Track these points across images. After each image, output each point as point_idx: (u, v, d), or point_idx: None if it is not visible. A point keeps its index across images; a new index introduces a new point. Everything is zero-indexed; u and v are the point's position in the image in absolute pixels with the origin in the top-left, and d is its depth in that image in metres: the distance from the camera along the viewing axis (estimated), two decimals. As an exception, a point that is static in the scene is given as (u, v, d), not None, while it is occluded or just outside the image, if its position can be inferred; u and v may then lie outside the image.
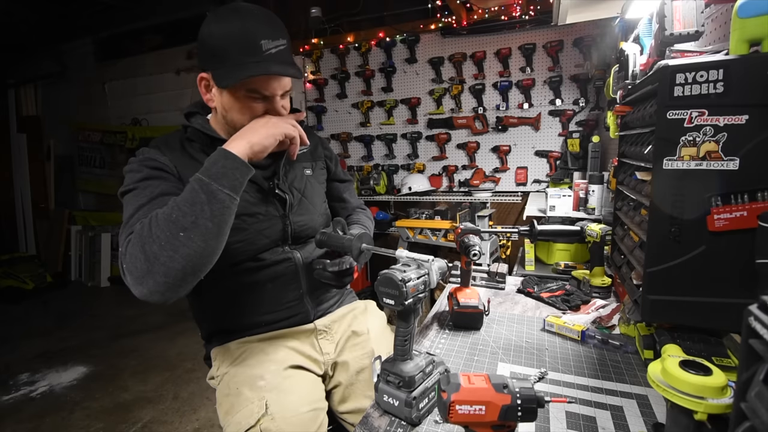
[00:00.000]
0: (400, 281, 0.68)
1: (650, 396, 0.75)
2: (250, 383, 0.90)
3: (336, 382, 1.02)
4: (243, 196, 0.87)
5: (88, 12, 3.98)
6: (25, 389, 2.49)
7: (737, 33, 0.63)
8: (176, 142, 0.94)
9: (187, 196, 0.73)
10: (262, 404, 0.86)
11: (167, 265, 0.69)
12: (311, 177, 1.07)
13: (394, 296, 0.69)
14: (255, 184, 0.94)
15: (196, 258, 0.71)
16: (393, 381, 0.72)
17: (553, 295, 1.21)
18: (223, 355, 0.99)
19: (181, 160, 0.90)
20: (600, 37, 2.51)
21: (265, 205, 0.95)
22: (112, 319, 3.55)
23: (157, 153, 0.89)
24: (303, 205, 1.02)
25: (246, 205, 0.92)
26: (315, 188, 1.07)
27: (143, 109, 4.53)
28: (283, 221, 0.97)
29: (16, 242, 5.04)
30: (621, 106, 1.04)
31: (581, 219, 1.66)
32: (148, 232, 0.71)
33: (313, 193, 1.06)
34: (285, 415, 0.85)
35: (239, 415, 0.86)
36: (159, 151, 0.90)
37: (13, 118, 4.96)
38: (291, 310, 1.00)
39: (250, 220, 0.93)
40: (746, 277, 0.64)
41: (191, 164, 0.88)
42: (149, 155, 0.88)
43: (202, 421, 2.13)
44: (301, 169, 1.05)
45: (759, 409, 0.36)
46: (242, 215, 0.91)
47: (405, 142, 3.37)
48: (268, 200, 0.96)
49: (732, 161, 0.64)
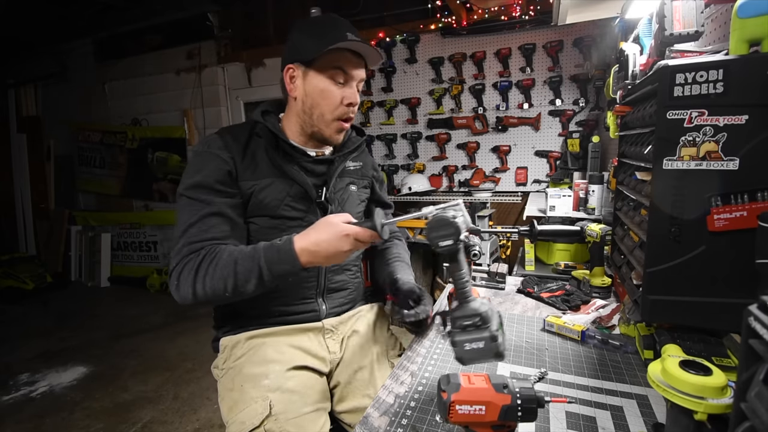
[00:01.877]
0: (452, 218, 0.68)
1: (650, 396, 0.75)
2: (255, 381, 0.91)
3: (336, 382, 1.03)
4: (290, 200, 0.97)
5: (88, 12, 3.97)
6: (25, 389, 2.49)
7: (737, 33, 0.63)
8: (244, 136, 0.98)
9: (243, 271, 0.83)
10: (266, 404, 0.86)
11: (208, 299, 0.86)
12: (354, 193, 1.10)
13: (449, 235, 0.68)
14: (305, 192, 0.98)
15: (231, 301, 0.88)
16: (470, 324, 0.68)
17: (553, 295, 1.21)
18: (231, 348, 1.00)
19: (242, 157, 0.95)
20: (600, 37, 2.51)
21: (307, 212, 0.99)
22: (112, 319, 3.55)
23: (221, 147, 0.94)
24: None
25: (290, 210, 0.97)
26: (354, 205, 1.10)
27: (143, 109, 4.52)
28: None
29: (16, 242, 5.03)
30: (621, 106, 1.04)
31: (581, 219, 1.66)
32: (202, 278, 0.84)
33: (351, 209, 1.08)
34: (288, 416, 0.86)
35: (243, 414, 0.86)
36: (224, 143, 0.94)
37: (13, 118, 4.95)
38: (304, 306, 1.02)
39: (290, 224, 0.97)
40: (746, 277, 0.64)
41: (251, 164, 0.95)
42: (214, 151, 0.93)
43: (202, 422, 2.13)
44: (347, 183, 1.08)
45: (759, 409, 0.36)
46: (284, 217, 0.97)
47: (405, 142, 3.37)
48: (311, 208, 0.99)
49: (732, 161, 0.64)
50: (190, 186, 0.91)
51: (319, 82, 0.93)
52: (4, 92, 4.90)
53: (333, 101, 0.94)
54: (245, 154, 0.95)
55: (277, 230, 0.96)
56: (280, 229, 0.96)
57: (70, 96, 4.86)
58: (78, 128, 4.89)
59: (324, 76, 0.93)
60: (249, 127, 1.00)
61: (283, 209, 0.96)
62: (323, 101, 0.94)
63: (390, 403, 0.77)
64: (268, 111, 1.02)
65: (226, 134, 0.97)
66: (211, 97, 4.11)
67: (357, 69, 0.95)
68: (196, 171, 0.91)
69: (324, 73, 0.93)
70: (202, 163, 0.92)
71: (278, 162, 0.96)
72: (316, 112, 0.95)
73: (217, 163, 0.92)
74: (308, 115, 0.97)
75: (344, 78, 0.94)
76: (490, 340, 0.66)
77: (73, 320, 3.55)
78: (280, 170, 0.96)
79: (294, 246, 0.81)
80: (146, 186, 4.57)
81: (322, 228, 0.81)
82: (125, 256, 4.62)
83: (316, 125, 0.97)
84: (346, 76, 0.94)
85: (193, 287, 0.84)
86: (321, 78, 0.93)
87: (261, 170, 0.95)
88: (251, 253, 0.84)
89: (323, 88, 0.94)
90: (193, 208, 0.89)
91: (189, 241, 0.87)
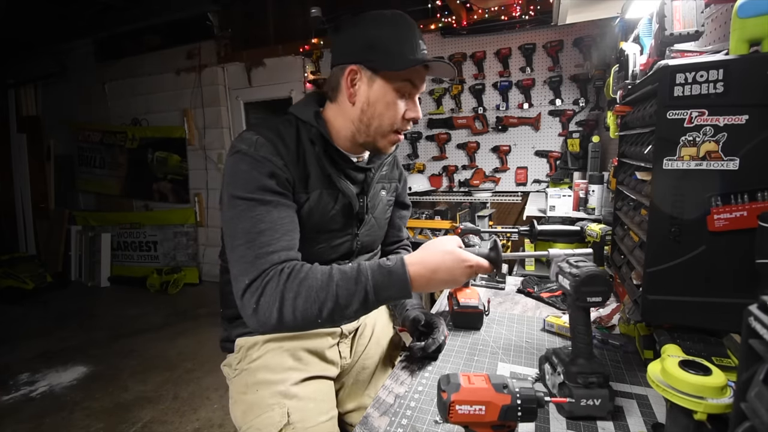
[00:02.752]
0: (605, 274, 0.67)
1: (650, 396, 0.75)
2: (271, 387, 0.89)
3: (341, 384, 1.02)
4: (334, 214, 0.89)
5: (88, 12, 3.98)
6: (25, 389, 2.49)
7: (737, 33, 0.63)
8: (293, 141, 0.86)
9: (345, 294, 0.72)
10: (284, 412, 0.84)
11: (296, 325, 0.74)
12: (384, 198, 1.04)
13: (601, 293, 0.67)
14: (349, 205, 0.91)
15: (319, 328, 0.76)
16: (594, 382, 0.69)
17: (553, 295, 1.21)
18: (248, 349, 0.96)
19: (296, 166, 0.85)
20: (600, 37, 2.51)
21: (348, 224, 0.94)
22: (112, 319, 3.55)
23: (273, 153, 0.81)
24: (371, 226, 0.99)
25: (331, 224, 0.90)
26: (384, 210, 1.05)
27: (143, 109, 4.53)
28: (353, 239, 0.96)
29: (16, 242, 5.03)
30: (621, 106, 1.04)
31: (581, 219, 1.66)
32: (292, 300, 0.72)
33: (381, 215, 1.04)
34: (306, 425, 0.84)
35: (259, 420, 0.84)
36: (275, 149, 0.82)
37: (13, 118, 4.95)
38: None
39: (326, 236, 0.91)
40: (746, 277, 0.64)
41: (303, 175, 0.85)
42: (267, 155, 0.80)
43: (202, 421, 2.13)
44: (379, 189, 1.02)
45: (759, 409, 0.36)
46: (323, 232, 0.90)
47: (405, 142, 3.37)
48: (351, 219, 0.94)
49: (732, 161, 0.64)
50: (248, 188, 0.78)
51: (387, 93, 0.84)
52: (4, 92, 4.90)
53: (396, 115, 0.86)
54: (298, 162, 0.85)
55: (313, 242, 0.88)
56: (315, 242, 0.89)
57: (70, 96, 4.86)
58: (78, 128, 4.89)
59: (392, 87, 0.84)
60: (294, 128, 0.88)
61: (326, 223, 0.89)
62: (386, 113, 0.86)
63: (390, 403, 0.77)
64: (319, 112, 0.91)
65: (271, 136, 0.83)
66: (211, 97, 4.11)
67: (424, 82, 0.88)
68: (250, 174, 0.79)
69: (392, 84, 0.84)
70: (255, 166, 0.79)
71: (328, 171, 0.87)
72: (375, 123, 0.86)
73: (273, 168, 0.80)
74: (365, 124, 0.87)
75: (411, 92, 0.87)
76: (608, 399, 0.68)
77: (73, 320, 3.55)
78: (328, 180, 0.88)
79: (408, 270, 0.73)
80: (146, 186, 4.58)
81: (440, 254, 0.74)
82: (125, 256, 4.62)
83: (372, 136, 0.88)
84: (413, 90, 0.87)
85: (280, 311, 0.71)
86: (389, 89, 0.84)
87: (312, 181, 0.86)
88: (354, 275, 0.73)
89: (390, 101, 0.85)
90: (258, 211, 0.77)
91: (264, 251, 0.74)
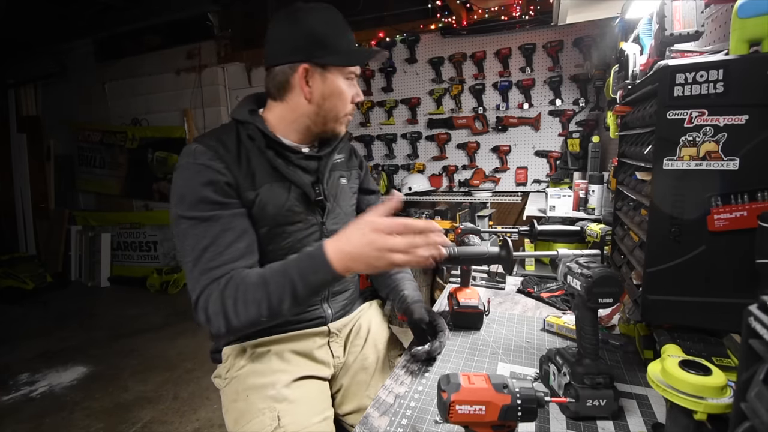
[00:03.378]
0: (617, 276, 0.66)
1: (650, 396, 0.75)
2: (260, 392, 0.88)
3: (338, 385, 1.02)
4: (290, 204, 0.91)
5: (88, 12, 3.98)
6: (25, 389, 2.49)
7: (737, 33, 0.63)
8: (232, 140, 0.88)
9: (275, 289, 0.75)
10: (274, 416, 0.84)
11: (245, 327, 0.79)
12: (345, 186, 1.05)
13: (613, 294, 0.67)
14: (302, 193, 0.93)
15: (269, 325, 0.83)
16: (600, 383, 0.69)
17: (553, 295, 1.21)
18: (235, 357, 0.96)
19: (238, 166, 0.86)
20: (600, 37, 2.51)
21: (308, 213, 0.95)
22: (112, 319, 3.55)
23: (212, 157, 0.83)
24: (337, 214, 1.01)
25: (291, 214, 0.92)
26: (347, 197, 1.06)
27: (143, 109, 4.52)
28: (320, 229, 0.97)
29: (16, 242, 5.03)
30: (621, 106, 1.04)
31: (581, 219, 1.66)
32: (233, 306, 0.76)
33: (345, 202, 1.05)
34: (297, 427, 0.84)
35: (250, 426, 0.84)
36: (214, 153, 0.84)
37: (13, 118, 4.95)
38: (311, 314, 0.99)
39: (291, 228, 0.92)
40: (746, 277, 0.64)
41: (248, 173, 0.87)
42: (205, 162, 0.82)
43: (202, 422, 2.13)
44: (338, 177, 1.04)
45: (759, 409, 0.36)
46: (286, 224, 0.91)
47: (405, 142, 3.37)
48: (311, 208, 0.95)
49: (732, 161, 0.64)
50: (187, 204, 0.81)
51: (340, 83, 0.91)
52: (4, 92, 4.90)
53: (348, 102, 0.94)
54: (240, 161, 0.87)
55: (279, 237, 0.91)
56: (281, 236, 0.91)
57: (70, 96, 4.86)
58: (78, 128, 4.89)
59: (342, 78, 0.91)
60: (234, 130, 0.90)
61: (285, 214, 0.91)
62: (340, 102, 0.92)
63: (390, 403, 0.77)
64: (253, 110, 0.93)
65: (210, 142, 0.86)
66: (211, 97, 4.11)
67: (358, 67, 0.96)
68: (189, 186, 0.82)
69: (342, 76, 0.91)
70: (193, 176, 0.82)
71: (274, 164, 0.89)
72: (332, 114, 0.92)
73: (211, 175, 0.81)
74: (322, 117, 0.92)
75: (354, 77, 0.94)
76: (613, 399, 0.68)
77: (73, 320, 3.55)
78: (277, 173, 0.90)
79: (325, 249, 0.73)
80: (146, 186, 4.57)
81: (351, 225, 0.75)
82: (125, 256, 4.62)
83: (330, 124, 0.94)
84: (355, 77, 0.95)
85: (225, 319, 0.76)
86: (339, 81, 0.90)
87: (259, 175, 0.88)
88: (282, 268, 0.77)
89: (342, 91, 0.91)
90: (199, 229, 0.80)
91: (206, 267, 0.79)
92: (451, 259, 0.82)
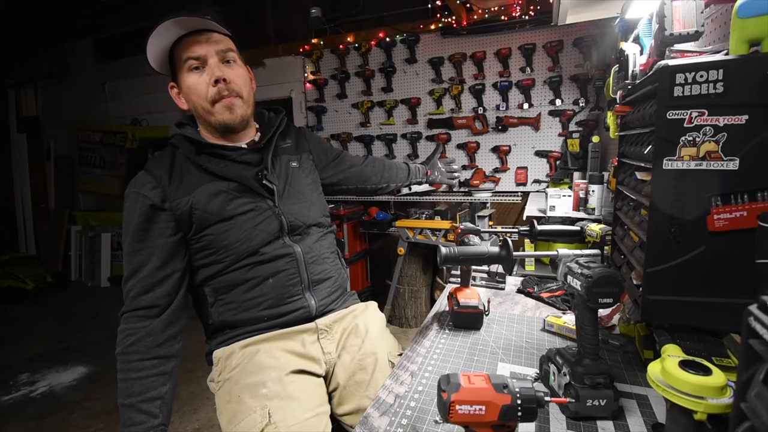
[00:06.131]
0: (618, 276, 0.66)
1: (650, 396, 0.75)
2: (252, 391, 0.89)
3: (335, 384, 1.02)
4: (229, 197, 0.97)
5: (88, 12, 3.98)
6: (25, 389, 2.49)
7: (737, 33, 0.63)
8: (167, 156, 0.99)
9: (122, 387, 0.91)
10: (265, 413, 0.85)
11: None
12: (297, 169, 1.09)
13: (613, 294, 0.67)
14: (240, 184, 0.98)
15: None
16: (601, 383, 0.69)
17: (553, 295, 1.21)
18: (226, 359, 0.98)
19: (169, 177, 0.95)
20: (600, 37, 2.51)
21: (254, 200, 0.99)
22: (112, 319, 3.50)
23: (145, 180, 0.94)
24: (291, 195, 1.04)
25: (236, 206, 0.96)
26: (302, 179, 1.09)
27: (143, 109, 4.53)
28: (275, 213, 1.00)
29: (16, 242, 5.03)
30: (621, 106, 1.04)
31: (581, 219, 1.66)
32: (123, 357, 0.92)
33: (301, 184, 1.08)
34: (288, 423, 0.84)
35: (242, 424, 0.85)
36: (149, 175, 0.94)
37: (13, 118, 4.95)
38: (293, 305, 1.00)
39: (242, 218, 0.96)
40: (746, 277, 0.64)
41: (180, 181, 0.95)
42: (138, 189, 0.93)
43: (202, 422, 2.13)
44: (287, 162, 1.09)
45: (759, 409, 0.36)
46: (235, 216, 0.96)
47: (405, 142, 3.37)
48: (257, 194, 0.99)
49: (732, 161, 0.64)
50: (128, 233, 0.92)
51: (185, 81, 0.96)
52: (4, 92, 4.90)
53: (202, 90, 0.95)
54: (172, 172, 0.96)
55: (234, 230, 0.96)
56: (236, 228, 0.96)
57: (70, 96, 4.86)
58: (78, 128, 4.89)
59: (185, 74, 0.96)
60: (171, 146, 1.01)
61: (229, 208, 0.96)
62: (195, 95, 0.96)
63: (390, 403, 0.77)
64: (182, 123, 1.03)
65: (150, 166, 0.97)
66: (211, 97, 4.11)
67: (200, 46, 0.95)
68: (128, 216, 0.93)
69: (183, 72, 0.96)
70: (131, 205, 0.93)
71: (205, 165, 0.96)
72: (199, 108, 0.98)
73: (143, 201, 0.92)
74: (199, 115, 1.00)
75: (197, 63, 0.95)
76: (613, 399, 0.68)
77: (73, 320, 3.55)
78: (209, 173, 0.97)
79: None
80: (146, 186, 4.57)
81: None
82: (125, 256, 4.62)
83: (208, 118, 0.98)
84: (198, 61, 0.95)
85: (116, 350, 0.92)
86: (185, 77, 0.96)
87: (192, 181, 0.95)
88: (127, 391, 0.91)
89: (189, 85, 0.96)
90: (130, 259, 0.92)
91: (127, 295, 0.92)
92: (451, 259, 0.82)
